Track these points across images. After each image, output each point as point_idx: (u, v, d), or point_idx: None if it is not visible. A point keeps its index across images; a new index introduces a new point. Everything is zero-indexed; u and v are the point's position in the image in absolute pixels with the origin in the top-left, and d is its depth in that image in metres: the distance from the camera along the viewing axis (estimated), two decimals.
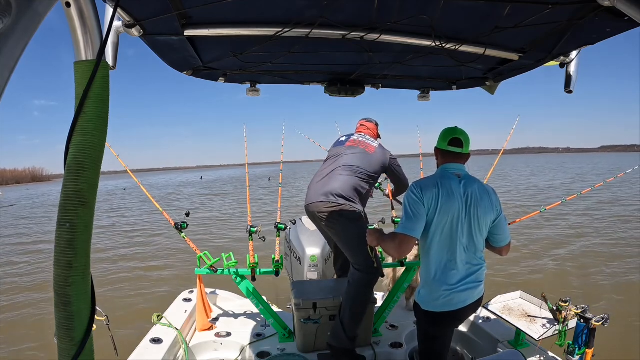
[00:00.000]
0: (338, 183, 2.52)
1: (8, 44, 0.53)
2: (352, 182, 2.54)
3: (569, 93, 1.75)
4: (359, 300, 2.43)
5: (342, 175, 2.56)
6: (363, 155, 2.65)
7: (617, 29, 1.29)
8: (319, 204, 2.50)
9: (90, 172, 0.71)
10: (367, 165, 2.61)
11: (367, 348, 2.63)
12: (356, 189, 2.55)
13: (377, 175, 2.70)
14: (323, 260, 3.31)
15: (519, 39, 1.57)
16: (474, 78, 2.17)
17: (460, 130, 1.88)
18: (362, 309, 2.45)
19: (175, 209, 16.71)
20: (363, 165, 2.60)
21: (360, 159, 2.62)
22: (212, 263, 2.79)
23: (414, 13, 1.31)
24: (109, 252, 9.34)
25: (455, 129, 1.88)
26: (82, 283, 0.72)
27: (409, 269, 2.95)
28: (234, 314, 3.20)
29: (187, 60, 1.76)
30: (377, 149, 2.71)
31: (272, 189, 24.05)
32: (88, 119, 0.71)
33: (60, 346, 0.72)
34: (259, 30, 1.42)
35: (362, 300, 2.44)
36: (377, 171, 2.67)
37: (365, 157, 2.64)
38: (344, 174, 2.56)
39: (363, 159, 2.63)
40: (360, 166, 2.60)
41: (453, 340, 2.82)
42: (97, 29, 0.73)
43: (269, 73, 2.08)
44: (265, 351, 2.63)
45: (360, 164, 2.60)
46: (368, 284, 2.44)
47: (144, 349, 2.44)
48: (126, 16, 1.22)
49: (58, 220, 0.69)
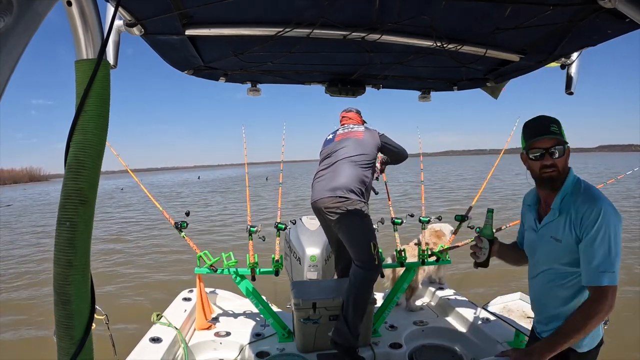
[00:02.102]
0: (343, 177, 2.57)
1: (9, 43, 0.53)
2: (356, 174, 2.59)
3: (570, 95, 1.75)
4: (362, 297, 2.45)
5: (344, 168, 2.61)
6: (356, 144, 2.70)
7: (618, 30, 1.29)
8: (326, 200, 2.54)
9: (91, 171, 0.71)
10: (363, 151, 2.68)
11: (367, 348, 2.63)
12: (361, 180, 2.59)
13: (375, 159, 2.76)
14: (323, 260, 3.31)
15: (519, 40, 1.57)
16: (475, 79, 2.17)
17: None
18: (365, 306, 2.47)
19: (175, 209, 16.72)
20: (361, 152, 2.66)
21: (355, 148, 2.68)
22: (211, 262, 2.79)
23: (414, 13, 1.31)
24: (109, 251, 9.35)
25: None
26: (82, 282, 0.72)
27: (408, 269, 2.96)
28: (234, 314, 3.20)
29: (188, 59, 1.76)
30: (364, 133, 2.77)
31: (270, 188, 24.05)
32: (89, 117, 0.71)
33: (60, 345, 0.72)
34: (260, 30, 1.42)
35: (364, 296, 2.46)
36: (373, 153, 2.73)
37: (358, 145, 2.70)
38: (346, 166, 2.61)
39: (357, 146, 2.69)
40: (358, 154, 2.65)
41: (452, 340, 2.83)
42: (98, 28, 0.73)
43: (270, 73, 2.08)
44: (265, 351, 2.63)
45: (357, 152, 2.66)
46: (370, 280, 2.46)
47: (144, 348, 2.44)
48: (127, 15, 1.22)
49: (58, 218, 0.69)
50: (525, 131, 1.48)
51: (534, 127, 1.46)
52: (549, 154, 1.40)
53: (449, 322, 3.04)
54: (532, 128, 1.46)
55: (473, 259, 1.68)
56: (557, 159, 1.40)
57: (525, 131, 1.48)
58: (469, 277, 5.95)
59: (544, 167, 1.42)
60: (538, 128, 1.44)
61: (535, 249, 1.53)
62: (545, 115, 1.47)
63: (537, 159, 1.42)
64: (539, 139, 1.41)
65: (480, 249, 1.63)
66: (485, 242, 1.61)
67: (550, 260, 1.46)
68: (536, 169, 1.44)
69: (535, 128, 1.45)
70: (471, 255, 1.69)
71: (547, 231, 1.46)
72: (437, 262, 3.04)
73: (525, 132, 1.48)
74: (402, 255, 2.95)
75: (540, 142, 1.40)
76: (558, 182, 1.42)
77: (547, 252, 1.47)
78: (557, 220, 1.43)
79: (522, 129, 1.50)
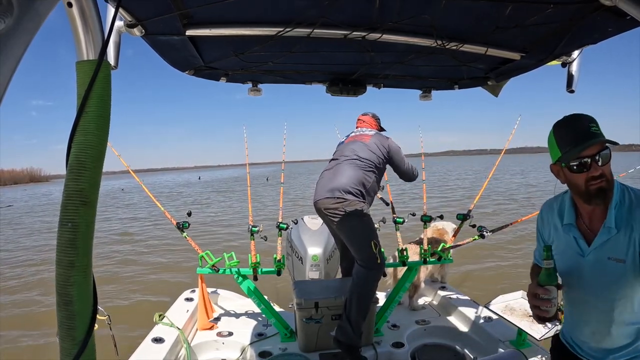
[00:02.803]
0: (344, 178, 2.59)
1: (9, 44, 0.53)
2: (357, 175, 2.60)
3: (571, 93, 1.75)
4: (365, 296, 2.45)
5: (346, 169, 2.63)
6: (362, 147, 2.73)
7: (618, 28, 1.29)
8: (325, 201, 2.56)
9: (92, 172, 0.71)
10: (368, 155, 2.68)
11: (369, 348, 2.63)
12: (362, 182, 2.60)
13: (381, 165, 2.74)
14: (325, 259, 3.31)
15: (520, 38, 1.57)
16: (476, 78, 2.16)
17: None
18: (368, 305, 2.47)
19: (177, 209, 16.74)
20: (364, 156, 2.67)
21: (360, 151, 2.70)
22: (213, 263, 2.80)
23: (415, 13, 1.31)
24: (111, 251, 9.36)
25: None
26: (84, 282, 0.72)
27: (410, 268, 2.95)
28: (236, 314, 3.21)
29: (188, 60, 1.76)
30: (372, 137, 2.78)
31: (270, 188, 24.06)
32: (90, 118, 0.71)
33: (62, 345, 0.72)
34: (260, 30, 1.42)
35: (367, 295, 2.46)
36: (380, 158, 2.71)
37: (364, 148, 2.72)
38: (348, 168, 2.63)
39: (362, 149, 2.71)
40: (361, 157, 2.66)
41: (454, 339, 2.83)
42: (98, 29, 0.73)
43: (271, 73, 2.08)
44: (267, 351, 2.63)
45: (361, 155, 2.67)
46: (373, 279, 2.47)
47: (146, 348, 2.45)
48: (128, 16, 1.22)
49: (60, 219, 0.70)
50: (561, 137, 1.21)
51: (574, 132, 1.18)
52: (595, 162, 1.15)
53: (451, 321, 3.04)
54: (571, 133, 1.19)
55: (537, 315, 1.29)
56: (604, 166, 1.16)
57: (561, 137, 1.21)
58: (471, 276, 5.95)
59: (592, 178, 1.16)
60: (579, 132, 1.17)
61: (587, 276, 1.26)
62: (579, 114, 1.21)
63: (580, 170, 1.17)
64: (586, 146, 1.14)
65: (550, 300, 1.24)
66: (554, 291, 1.24)
67: (615, 287, 1.21)
68: (581, 182, 1.18)
69: (575, 133, 1.18)
70: (536, 313, 1.28)
71: (603, 253, 1.21)
72: (439, 261, 3.04)
73: (560, 138, 1.21)
74: (403, 254, 2.95)
75: (588, 149, 1.14)
76: (610, 192, 1.19)
77: (609, 277, 1.21)
78: (615, 237, 1.19)
79: (553, 134, 1.23)
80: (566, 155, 1.18)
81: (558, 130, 1.22)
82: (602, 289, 1.24)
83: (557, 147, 1.21)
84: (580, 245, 1.26)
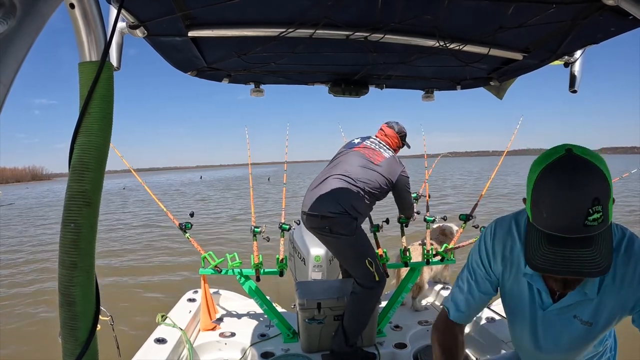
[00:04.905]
0: (329, 195, 2.37)
1: (12, 46, 0.53)
2: (344, 194, 2.37)
3: (574, 93, 1.74)
4: (362, 313, 2.42)
5: (335, 185, 2.41)
6: (365, 166, 2.47)
7: (621, 28, 1.28)
8: (311, 219, 2.40)
9: (95, 173, 0.71)
10: (367, 179, 2.42)
11: (371, 348, 2.62)
12: (350, 201, 2.36)
13: (378, 192, 2.48)
14: (327, 260, 3.31)
15: (523, 38, 1.56)
16: (479, 78, 2.16)
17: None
18: (365, 320, 2.45)
19: (179, 209, 16.77)
20: (362, 178, 2.42)
21: (360, 170, 2.45)
22: (216, 263, 2.80)
23: (417, 13, 1.31)
24: (112, 252, 9.38)
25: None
26: (87, 283, 0.72)
27: (413, 269, 2.95)
28: (238, 314, 3.21)
29: (191, 60, 1.77)
30: (384, 161, 2.49)
31: (270, 187, 24.07)
32: (92, 119, 0.71)
33: (65, 346, 0.72)
34: (263, 30, 1.42)
35: (365, 312, 2.43)
36: (380, 186, 2.46)
37: (367, 169, 2.46)
38: (337, 183, 2.41)
39: (364, 170, 2.45)
40: (359, 178, 2.42)
41: None
42: (101, 30, 0.73)
43: (273, 73, 2.08)
44: (269, 351, 2.63)
45: (360, 176, 2.43)
46: (371, 297, 2.41)
47: (149, 348, 2.45)
48: (130, 17, 1.23)
49: (63, 220, 0.70)
50: (537, 204, 0.84)
51: (554, 220, 0.80)
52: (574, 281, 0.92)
53: None
54: (551, 218, 0.80)
55: None
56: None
57: (537, 204, 0.84)
58: None
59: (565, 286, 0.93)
60: (562, 226, 0.79)
61: (541, 330, 1.10)
62: (580, 189, 0.76)
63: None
64: (561, 268, 0.81)
65: None
66: None
67: (575, 345, 1.07)
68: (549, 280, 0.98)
69: (557, 223, 0.79)
70: None
71: (569, 311, 1.03)
72: (441, 261, 3.04)
73: (535, 203, 0.84)
74: (406, 255, 2.94)
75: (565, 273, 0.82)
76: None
77: (569, 335, 1.06)
78: (590, 302, 0.99)
79: (532, 185, 0.84)
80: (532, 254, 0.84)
81: (538, 188, 0.83)
82: (559, 340, 1.08)
83: (530, 209, 0.88)
84: (543, 298, 1.06)
